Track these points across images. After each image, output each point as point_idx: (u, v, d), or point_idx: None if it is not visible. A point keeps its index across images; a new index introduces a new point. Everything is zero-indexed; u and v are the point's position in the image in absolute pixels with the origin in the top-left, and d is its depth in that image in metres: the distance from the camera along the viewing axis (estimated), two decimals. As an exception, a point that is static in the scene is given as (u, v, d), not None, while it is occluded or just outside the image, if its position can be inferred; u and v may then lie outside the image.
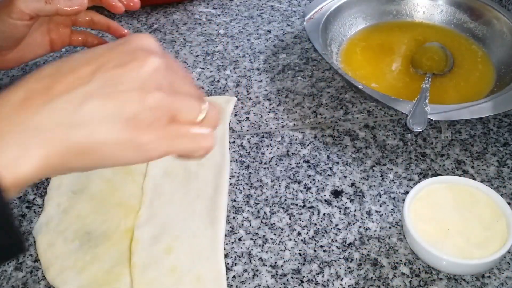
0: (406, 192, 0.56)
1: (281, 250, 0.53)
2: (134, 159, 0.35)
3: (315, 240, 0.54)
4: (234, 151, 0.63)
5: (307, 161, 0.61)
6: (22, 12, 0.54)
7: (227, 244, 0.53)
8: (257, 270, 0.51)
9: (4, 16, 0.54)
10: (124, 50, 0.36)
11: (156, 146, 0.35)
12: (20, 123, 0.32)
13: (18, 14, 0.54)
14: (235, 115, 0.67)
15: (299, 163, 0.61)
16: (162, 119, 0.35)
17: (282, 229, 0.55)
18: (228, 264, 0.52)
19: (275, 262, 0.52)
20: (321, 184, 0.59)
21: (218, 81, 0.73)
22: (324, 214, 0.56)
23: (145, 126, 0.34)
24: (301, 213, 0.56)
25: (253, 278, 0.51)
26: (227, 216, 0.56)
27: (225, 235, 0.54)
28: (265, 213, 0.56)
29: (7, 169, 0.31)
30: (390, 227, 0.54)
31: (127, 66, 0.35)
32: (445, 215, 0.51)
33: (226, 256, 0.52)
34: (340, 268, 0.51)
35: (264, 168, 0.61)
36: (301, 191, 0.58)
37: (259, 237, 0.54)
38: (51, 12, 0.56)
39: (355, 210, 0.56)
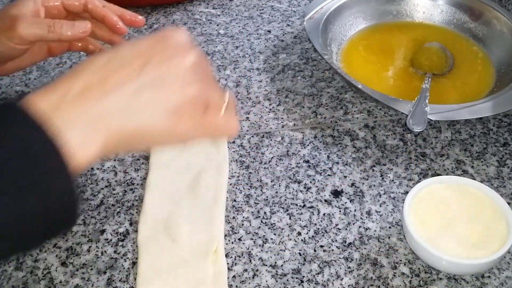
0: (406, 192, 0.56)
1: (281, 250, 0.53)
2: (174, 143, 0.42)
3: (315, 240, 0.54)
4: (234, 151, 0.63)
5: (307, 161, 0.61)
6: (23, 39, 0.53)
7: (227, 244, 0.53)
8: (257, 270, 0.51)
9: (3, 39, 0.54)
10: (165, 46, 0.40)
11: (193, 133, 0.41)
12: (84, 112, 0.36)
13: (19, 39, 0.53)
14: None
15: (299, 163, 0.61)
16: (199, 109, 0.40)
17: (282, 229, 0.55)
18: (228, 264, 0.52)
19: (275, 262, 0.52)
20: (321, 184, 0.59)
21: (218, 81, 0.73)
22: (324, 214, 0.56)
23: (186, 116, 0.39)
24: (301, 213, 0.56)
25: (253, 278, 0.51)
26: (227, 216, 0.56)
27: (225, 235, 0.54)
28: (265, 213, 0.56)
29: (75, 152, 0.35)
30: (390, 227, 0.54)
31: (170, 62, 0.39)
32: (445, 215, 0.51)
33: (226, 256, 0.52)
34: (340, 268, 0.51)
35: (264, 168, 0.61)
36: (301, 191, 0.58)
37: (259, 237, 0.54)
38: (53, 39, 0.54)
39: (355, 210, 0.56)
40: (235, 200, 0.57)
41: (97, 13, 0.58)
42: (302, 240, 0.54)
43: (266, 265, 0.52)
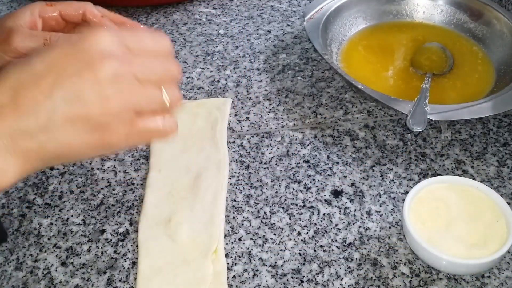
0: (406, 192, 0.56)
1: (281, 250, 0.53)
2: (107, 153, 0.42)
3: (315, 240, 0.54)
4: (234, 151, 0.63)
5: (307, 161, 0.61)
6: (18, 52, 0.51)
7: (227, 244, 0.53)
8: (257, 270, 0.51)
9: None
10: (79, 55, 0.36)
11: (126, 142, 0.38)
12: None
13: (14, 53, 0.51)
14: (235, 115, 0.68)
15: (299, 163, 0.61)
16: (126, 119, 0.37)
17: (282, 229, 0.55)
18: (228, 264, 0.52)
19: (275, 262, 0.52)
20: (321, 184, 0.59)
21: (218, 81, 0.73)
22: (324, 214, 0.56)
23: (112, 128, 0.37)
24: (301, 213, 0.56)
25: (253, 278, 0.51)
26: (227, 216, 0.56)
27: (225, 235, 0.54)
28: (265, 213, 0.56)
29: None
30: (390, 227, 0.54)
31: (83, 74, 0.36)
32: (445, 215, 0.51)
33: (226, 256, 0.52)
34: (340, 268, 0.51)
35: (264, 168, 0.61)
36: (301, 191, 0.58)
37: (259, 237, 0.54)
38: None
39: (355, 210, 0.56)
40: (235, 200, 0.57)
41: (96, 23, 0.56)
42: (302, 240, 0.54)
43: (266, 265, 0.52)
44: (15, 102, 0.35)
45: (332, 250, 0.53)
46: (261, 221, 0.55)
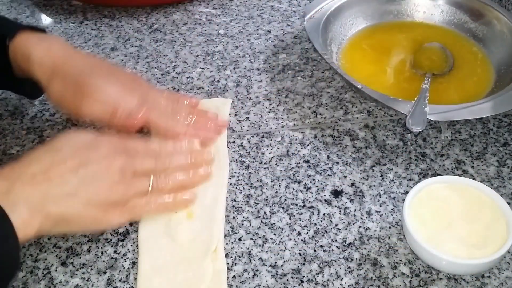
0: (406, 192, 0.56)
1: (281, 250, 0.53)
2: (102, 228, 0.53)
3: (315, 240, 0.54)
4: (234, 151, 0.63)
5: (307, 161, 0.61)
6: (84, 119, 0.61)
7: (227, 244, 0.53)
8: (257, 270, 0.51)
9: (68, 115, 0.66)
10: (99, 151, 0.49)
11: (118, 220, 0.49)
12: (28, 196, 0.44)
13: (81, 120, 0.63)
14: (235, 115, 0.68)
15: (299, 163, 0.61)
16: (124, 201, 0.49)
17: (282, 229, 0.55)
18: (228, 264, 0.52)
19: (275, 262, 0.52)
20: (321, 184, 0.59)
21: (218, 81, 0.73)
22: (324, 214, 0.56)
23: (111, 207, 0.48)
24: (301, 213, 0.56)
25: (253, 278, 0.51)
26: (227, 216, 0.56)
27: (225, 235, 0.54)
28: (265, 213, 0.56)
29: (18, 230, 0.42)
30: (390, 227, 0.54)
31: (102, 163, 0.49)
32: (445, 215, 0.51)
33: (226, 256, 0.52)
34: (340, 268, 0.51)
35: (264, 168, 0.61)
36: (301, 191, 0.58)
37: (259, 237, 0.54)
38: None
39: (355, 210, 0.56)
40: (235, 200, 0.57)
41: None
42: (302, 240, 0.54)
43: (266, 265, 0.52)
44: (46, 171, 0.45)
45: (332, 250, 0.53)
46: (261, 221, 0.55)
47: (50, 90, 0.57)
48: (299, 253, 0.53)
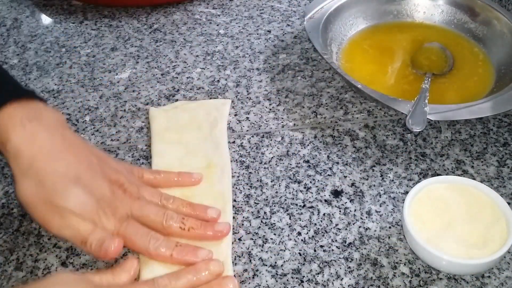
0: (406, 192, 0.56)
1: (281, 250, 0.53)
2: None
3: (315, 240, 0.54)
4: (234, 151, 0.63)
5: (307, 161, 0.61)
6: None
7: (227, 244, 0.53)
8: (257, 270, 0.51)
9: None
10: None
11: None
12: None
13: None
14: (235, 115, 0.68)
15: (299, 163, 0.61)
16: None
17: (282, 229, 0.55)
18: (228, 264, 0.52)
19: (275, 262, 0.52)
20: (321, 184, 0.59)
21: (218, 81, 0.73)
22: (324, 214, 0.56)
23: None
24: (301, 213, 0.56)
25: (253, 278, 0.51)
26: (227, 216, 0.56)
27: (225, 235, 0.54)
28: (265, 213, 0.56)
29: None
30: (390, 227, 0.54)
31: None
32: (445, 215, 0.51)
33: (226, 256, 0.52)
34: (340, 268, 0.51)
35: (264, 168, 0.61)
36: (301, 191, 0.58)
37: (259, 237, 0.54)
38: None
39: (355, 210, 0.56)
40: (235, 200, 0.57)
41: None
42: (302, 240, 0.54)
43: (266, 265, 0.52)
44: None
45: (332, 250, 0.53)
46: (261, 221, 0.55)
47: (20, 189, 0.48)
48: (299, 253, 0.53)
